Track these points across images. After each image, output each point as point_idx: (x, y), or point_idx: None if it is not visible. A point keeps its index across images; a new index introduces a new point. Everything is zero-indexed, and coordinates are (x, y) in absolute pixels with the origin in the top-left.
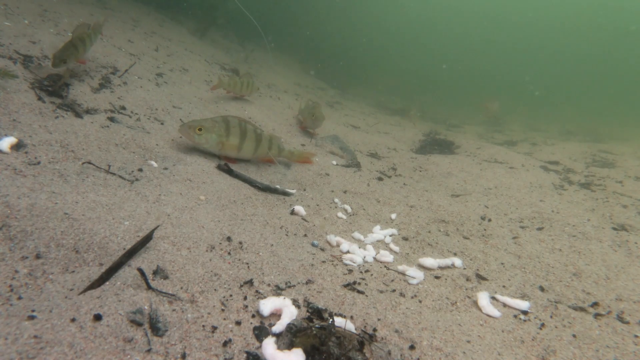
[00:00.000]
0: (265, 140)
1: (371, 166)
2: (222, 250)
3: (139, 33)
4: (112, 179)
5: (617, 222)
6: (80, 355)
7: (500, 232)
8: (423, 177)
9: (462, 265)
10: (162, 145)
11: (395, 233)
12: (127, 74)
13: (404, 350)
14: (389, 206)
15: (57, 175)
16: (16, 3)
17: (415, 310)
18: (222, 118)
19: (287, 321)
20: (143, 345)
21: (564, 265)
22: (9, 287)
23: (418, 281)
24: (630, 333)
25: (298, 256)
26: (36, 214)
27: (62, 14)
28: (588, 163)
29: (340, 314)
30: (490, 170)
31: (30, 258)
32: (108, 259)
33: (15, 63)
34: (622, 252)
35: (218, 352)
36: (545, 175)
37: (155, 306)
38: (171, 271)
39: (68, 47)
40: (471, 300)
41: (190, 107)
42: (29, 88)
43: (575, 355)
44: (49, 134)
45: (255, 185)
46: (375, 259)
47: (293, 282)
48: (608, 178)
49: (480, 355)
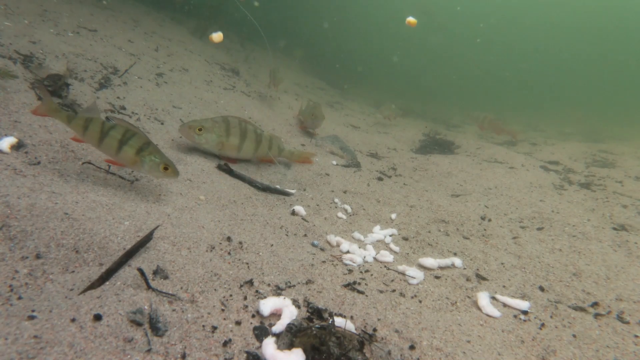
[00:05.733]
0: (265, 140)
1: (371, 166)
2: (222, 250)
3: (139, 33)
4: (112, 179)
5: (617, 222)
6: (80, 355)
7: (500, 232)
8: (423, 177)
9: (462, 265)
10: (162, 145)
11: (395, 233)
12: (127, 73)
13: (404, 350)
14: (389, 206)
15: (57, 175)
16: (16, 3)
17: (415, 310)
18: (222, 118)
19: (287, 321)
20: (143, 345)
21: (564, 265)
22: (9, 287)
23: (418, 281)
24: (630, 333)
25: (298, 256)
26: (36, 214)
27: (62, 14)
28: (588, 163)
29: (340, 314)
30: (490, 170)
31: (30, 258)
32: (108, 259)
33: (15, 63)
34: (622, 252)
35: (218, 352)
36: (545, 175)
37: (155, 306)
38: (171, 271)
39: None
40: (471, 300)
41: (190, 107)
42: (29, 88)
43: (575, 355)
44: (49, 134)
45: (255, 185)
46: (375, 259)
47: (293, 282)
48: (608, 178)
49: (480, 355)
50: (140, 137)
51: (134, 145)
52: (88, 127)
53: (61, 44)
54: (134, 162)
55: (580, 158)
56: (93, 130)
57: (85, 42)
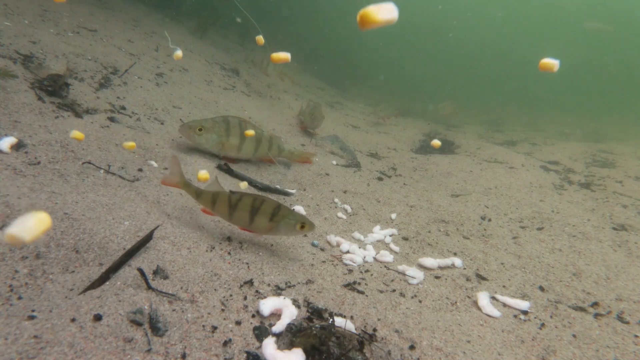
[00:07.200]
0: (265, 140)
1: (371, 166)
2: (222, 250)
3: (139, 33)
4: (112, 179)
5: (617, 222)
6: (80, 355)
7: (500, 232)
8: (423, 177)
9: (462, 265)
10: (162, 145)
11: (395, 233)
12: (127, 73)
13: (404, 350)
14: (389, 206)
15: (57, 175)
16: (16, 3)
17: (415, 310)
18: (222, 118)
19: (287, 321)
20: (143, 345)
21: (564, 265)
22: (9, 287)
23: (418, 281)
24: (630, 333)
25: (298, 256)
26: None
27: (62, 14)
28: (588, 163)
29: (340, 314)
30: (490, 170)
31: (30, 258)
32: (108, 259)
33: (15, 63)
34: (622, 252)
35: (218, 352)
36: (545, 175)
37: (155, 306)
38: (171, 271)
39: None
40: (471, 300)
41: (190, 107)
42: (29, 88)
43: (575, 355)
44: (49, 134)
45: (255, 185)
46: (375, 259)
47: (293, 282)
48: (608, 178)
49: (480, 355)
50: (269, 203)
51: (266, 213)
52: (216, 202)
53: (61, 43)
54: (269, 229)
55: (580, 158)
56: (221, 205)
57: (85, 42)
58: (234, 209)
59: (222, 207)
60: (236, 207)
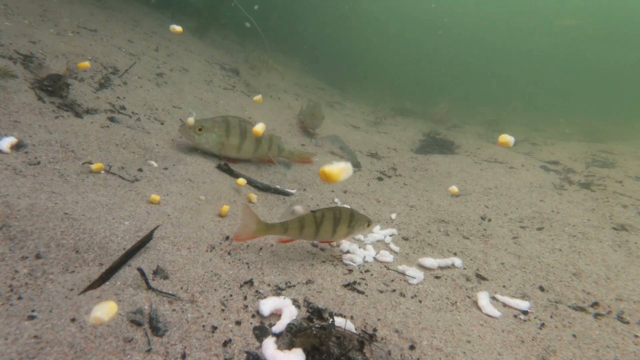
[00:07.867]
0: (265, 140)
1: (371, 166)
2: (222, 250)
3: (139, 33)
4: (112, 179)
5: (617, 222)
6: (80, 355)
7: (500, 232)
8: (423, 177)
9: (462, 265)
10: (162, 145)
11: (395, 233)
12: (127, 74)
13: (404, 350)
14: (389, 206)
15: (57, 175)
16: (16, 3)
17: (415, 310)
18: (222, 118)
19: (287, 321)
20: (143, 345)
21: (564, 265)
22: (9, 287)
23: (418, 281)
24: (630, 333)
25: (298, 256)
26: (36, 214)
27: (62, 14)
28: (588, 163)
29: (340, 314)
30: (490, 170)
31: (30, 258)
32: (108, 259)
33: (15, 63)
34: (622, 252)
35: (218, 352)
36: (545, 175)
37: (155, 306)
38: (171, 271)
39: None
40: (471, 300)
41: (190, 107)
42: (29, 88)
43: (575, 355)
44: (49, 134)
45: (256, 185)
46: (375, 259)
47: (293, 282)
48: (608, 178)
49: (480, 355)
50: (344, 211)
51: (345, 221)
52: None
53: (61, 44)
54: (346, 234)
55: (580, 158)
56: (309, 228)
57: (85, 42)
58: (319, 227)
59: (309, 230)
60: (321, 224)
